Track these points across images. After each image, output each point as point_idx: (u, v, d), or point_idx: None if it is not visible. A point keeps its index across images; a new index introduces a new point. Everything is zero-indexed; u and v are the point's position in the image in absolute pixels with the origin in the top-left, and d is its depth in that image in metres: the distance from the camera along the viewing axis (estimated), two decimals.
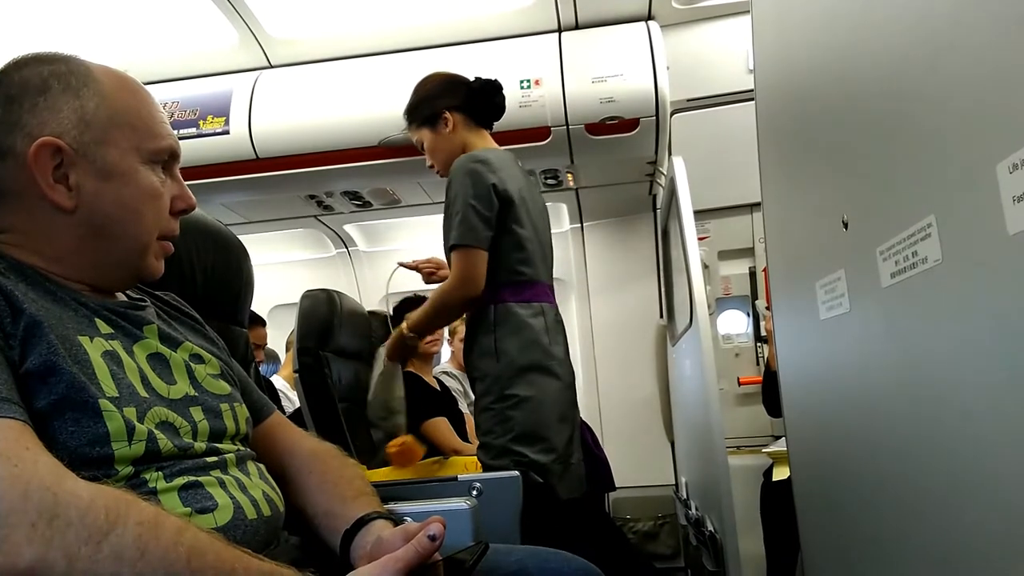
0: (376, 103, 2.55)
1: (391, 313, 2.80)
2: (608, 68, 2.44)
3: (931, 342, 0.75)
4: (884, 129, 0.83)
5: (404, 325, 1.88)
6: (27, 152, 0.79)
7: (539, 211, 1.90)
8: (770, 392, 2.70)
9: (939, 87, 0.70)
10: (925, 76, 0.72)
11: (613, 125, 2.46)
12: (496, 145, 1.90)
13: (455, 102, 1.85)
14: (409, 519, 0.88)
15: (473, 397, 3.10)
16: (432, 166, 1.91)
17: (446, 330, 3.22)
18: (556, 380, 1.76)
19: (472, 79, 1.90)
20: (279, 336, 3.51)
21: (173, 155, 0.90)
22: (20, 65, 0.83)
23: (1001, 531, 0.65)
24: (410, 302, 2.89)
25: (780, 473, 2.30)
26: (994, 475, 0.65)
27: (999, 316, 0.62)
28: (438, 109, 1.85)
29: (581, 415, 1.97)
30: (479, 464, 2.28)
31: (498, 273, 1.73)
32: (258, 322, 3.25)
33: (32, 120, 0.80)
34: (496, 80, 1.90)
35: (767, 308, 2.53)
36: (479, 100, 1.88)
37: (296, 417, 2.32)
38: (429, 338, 2.87)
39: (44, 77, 0.82)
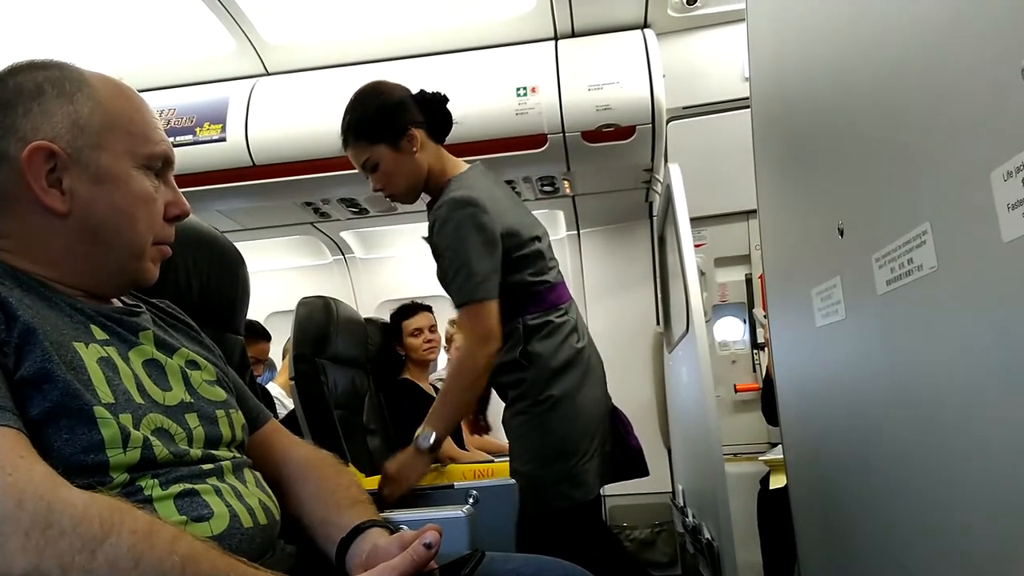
0: None
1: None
2: (604, 76, 2.45)
3: (927, 349, 0.76)
4: (879, 137, 0.83)
5: (418, 432, 1.58)
6: (21, 156, 0.79)
7: (524, 212, 1.79)
8: (769, 400, 2.70)
9: (934, 95, 0.70)
10: (920, 84, 0.73)
11: (609, 132, 2.46)
12: (453, 157, 1.75)
13: (417, 118, 1.66)
14: (405, 527, 0.88)
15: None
16: (382, 189, 1.69)
17: (443, 337, 3.21)
18: (589, 371, 1.71)
19: (416, 92, 1.70)
20: (275, 343, 3.51)
21: (167, 161, 0.90)
22: (15, 71, 0.83)
23: (997, 539, 0.65)
24: (407, 309, 2.89)
25: (777, 481, 2.30)
26: (991, 482, 0.65)
27: (994, 323, 0.62)
28: (403, 124, 1.63)
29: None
30: (476, 471, 2.27)
31: (518, 295, 1.67)
32: (262, 336, 3.21)
33: (26, 125, 0.80)
34: (440, 92, 1.72)
35: (765, 317, 2.53)
36: (436, 114, 1.69)
37: (290, 421, 2.31)
38: (426, 345, 2.86)
39: (38, 82, 0.82)
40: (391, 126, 1.63)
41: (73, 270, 0.84)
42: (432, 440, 1.56)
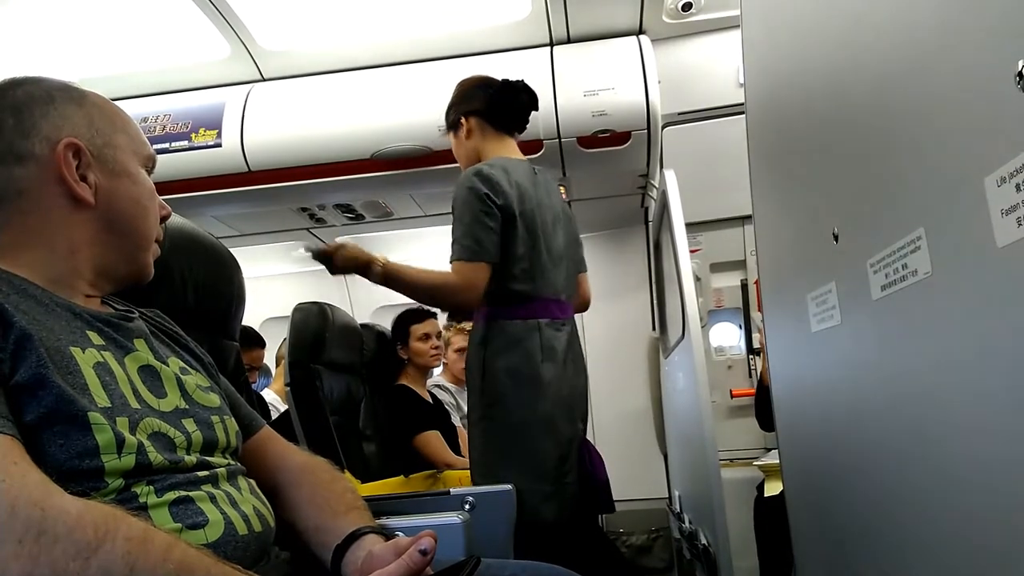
0: (369, 116, 2.56)
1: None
2: (600, 82, 2.46)
3: (922, 354, 0.76)
4: (874, 142, 0.84)
5: (383, 259, 1.71)
6: (49, 153, 0.84)
7: (554, 222, 1.82)
8: (763, 406, 2.70)
9: (928, 101, 0.70)
10: (914, 90, 0.73)
11: (605, 138, 2.47)
12: (517, 150, 1.87)
13: (473, 107, 1.85)
14: (400, 534, 0.88)
15: (465, 410, 3.10)
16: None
17: (443, 344, 3.20)
18: (544, 399, 1.67)
19: (499, 81, 1.88)
20: (270, 349, 3.50)
21: (154, 164, 0.98)
22: (16, 83, 0.88)
23: (994, 544, 0.65)
24: (417, 313, 2.88)
25: (771, 488, 2.29)
26: (987, 487, 0.65)
27: (989, 327, 0.62)
28: (457, 114, 1.87)
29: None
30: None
31: (493, 289, 1.67)
32: (256, 343, 3.21)
33: (47, 125, 0.85)
34: (519, 81, 1.87)
35: (762, 321, 2.52)
36: (497, 104, 1.85)
37: (281, 424, 2.30)
38: (433, 351, 2.85)
39: (47, 89, 0.88)
40: (451, 116, 1.90)
41: (91, 256, 0.88)
42: (380, 275, 1.68)
